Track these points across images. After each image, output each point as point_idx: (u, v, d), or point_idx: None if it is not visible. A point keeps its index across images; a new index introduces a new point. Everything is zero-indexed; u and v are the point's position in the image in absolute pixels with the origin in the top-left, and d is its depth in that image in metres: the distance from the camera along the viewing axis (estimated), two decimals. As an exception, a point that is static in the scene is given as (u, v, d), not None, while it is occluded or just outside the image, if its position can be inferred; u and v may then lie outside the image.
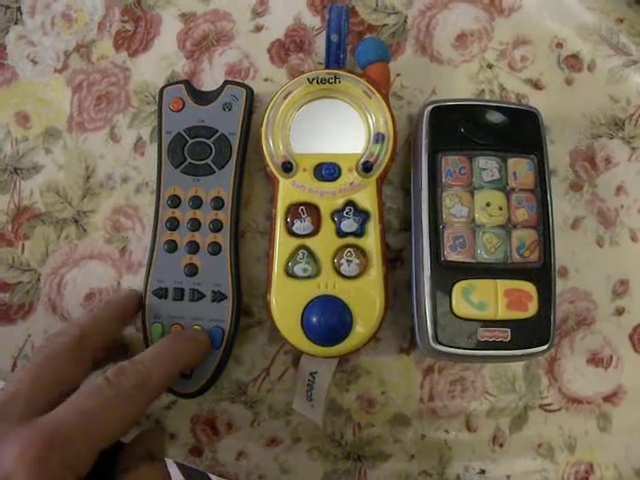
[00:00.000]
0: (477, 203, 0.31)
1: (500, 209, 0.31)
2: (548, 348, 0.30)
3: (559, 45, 0.37)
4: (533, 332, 0.30)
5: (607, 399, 0.35)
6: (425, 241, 0.31)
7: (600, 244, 0.36)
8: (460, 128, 0.32)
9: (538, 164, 0.32)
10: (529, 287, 0.30)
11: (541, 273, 0.31)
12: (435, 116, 0.33)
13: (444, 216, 0.31)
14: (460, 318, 0.30)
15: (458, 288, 0.30)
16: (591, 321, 0.35)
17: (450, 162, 0.32)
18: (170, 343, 0.29)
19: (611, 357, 0.35)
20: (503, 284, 0.30)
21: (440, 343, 0.30)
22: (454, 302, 0.30)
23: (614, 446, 0.35)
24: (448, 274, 0.31)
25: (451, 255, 0.31)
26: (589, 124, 0.36)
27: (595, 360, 0.35)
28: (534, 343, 0.30)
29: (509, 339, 0.30)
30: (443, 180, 0.32)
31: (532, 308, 0.30)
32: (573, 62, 0.37)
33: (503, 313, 0.30)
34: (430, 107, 0.33)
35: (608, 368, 0.35)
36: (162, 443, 0.30)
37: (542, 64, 0.37)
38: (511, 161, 0.32)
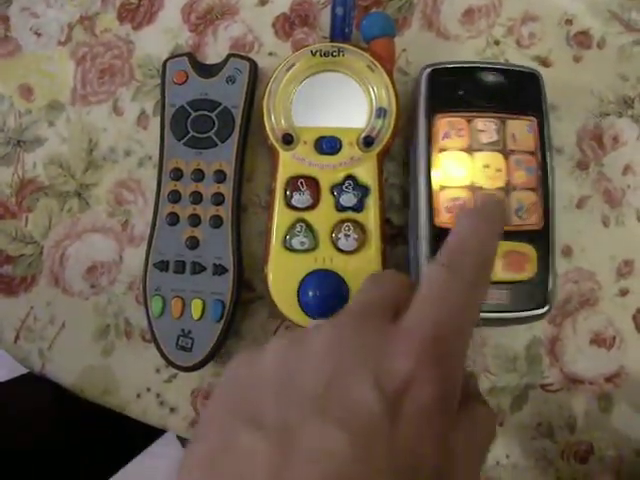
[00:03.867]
0: (475, 165, 0.31)
1: (499, 171, 0.31)
2: (547, 311, 0.30)
3: (568, 22, 0.37)
4: (532, 294, 0.30)
5: (609, 380, 0.34)
6: (422, 203, 0.31)
7: (606, 224, 0.35)
8: (459, 90, 0.32)
9: (538, 126, 0.32)
10: (527, 249, 0.30)
11: (540, 235, 0.31)
12: (434, 78, 0.32)
13: (442, 178, 0.31)
14: None
15: None
16: (594, 302, 0.35)
17: (447, 124, 0.32)
18: (486, 211, 0.23)
19: (614, 338, 0.35)
20: (501, 246, 0.30)
21: None
22: None
23: (615, 427, 0.34)
24: (444, 236, 0.30)
25: (448, 217, 0.31)
26: (597, 102, 0.36)
27: (598, 341, 0.35)
28: (533, 306, 0.30)
29: (507, 301, 0.30)
30: (440, 142, 0.32)
31: (530, 270, 0.30)
32: (582, 39, 0.36)
33: (500, 274, 0.30)
34: (429, 69, 0.32)
35: (610, 349, 0.35)
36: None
37: (550, 41, 0.36)
38: (510, 123, 0.32)
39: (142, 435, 0.57)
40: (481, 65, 0.33)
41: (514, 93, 0.32)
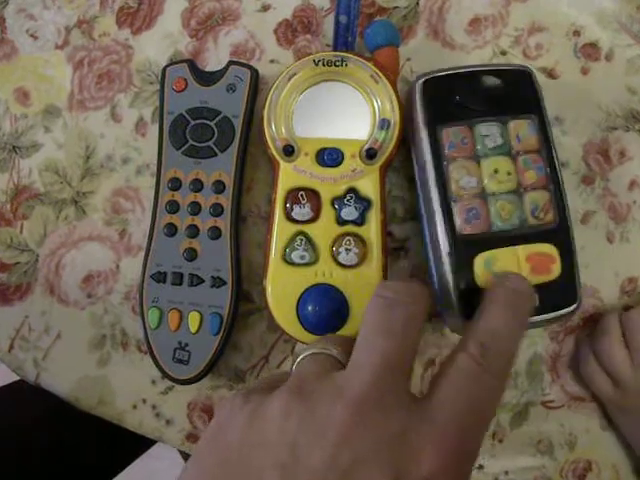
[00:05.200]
0: (485, 171, 0.30)
1: (509, 174, 0.30)
2: (577, 307, 0.30)
3: (576, 33, 0.36)
4: (560, 293, 0.30)
5: (611, 398, 0.34)
6: (438, 218, 0.30)
7: (610, 240, 0.35)
8: (455, 97, 0.31)
9: (539, 124, 0.31)
10: (550, 249, 0.29)
11: (559, 232, 0.30)
12: (428, 89, 0.32)
13: (453, 189, 0.30)
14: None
15: (479, 261, 0.29)
16: (598, 318, 0.34)
17: (451, 134, 0.31)
18: (517, 304, 0.24)
19: (617, 356, 0.34)
20: (524, 250, 0.29)
21: (469, 318, 0.29)
22: (477, 275, 0.29)
23: (615, 445, 0.34)
24: (467, 248, 0.30)
25: (467, 228, 0.30)
26: (604, 116, 0.35)
27: (600, 358, 0.34)
28: (563, 304, 0.30)
29: (537, 304, 0.29)
30: (446, 153, 0.31)
31: (556, 269, 0.29)
32: (590, 51, 0.36)
33: (529, 279, 0.29)
34: (421, 80, 0.32)
35: (613, 367, 0.34)
36: None
37: (558, 52, 0.36)
38: (512, 124, 0.31)
39: (144, 436, 0.56)
40: (473, 69, 0.32)
41: (510, 93, 0.31)
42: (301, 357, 0.23)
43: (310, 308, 0.31)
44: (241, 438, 0.18)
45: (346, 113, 0.32)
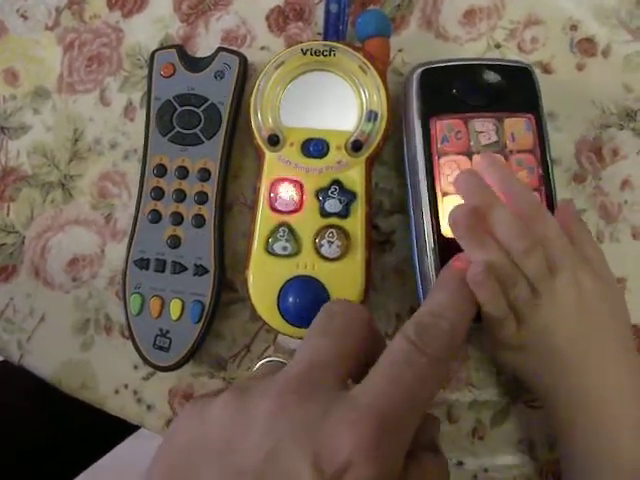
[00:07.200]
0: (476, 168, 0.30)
1: None
2: None
3: (573, 27, 0.35)
4: None
5: (593, 399, 0.34)
6: (425, 211, 0.30)
7: (600, 239, 0.34)
8: (452, 90, 0.31)
9: (536, 123, 0.31)
10: None
11: None
12: (425, 79, 0.31)
13: (443, 184, 0.30)
14: None
15: None
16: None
17: (445, 127, 0.30)
18: (463, 285, 0.24)
19: (601, 357, 0.34)
20: None
21: None
22: None
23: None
24: (452, 244, 0.29)
25: None
26: (599, 113, 0.35)
27: (584, 359, 0.34)
28: None
29: None
30: (439, 146, 0.30)
31: None
32: (587, 46, 0.35)
33: None
34: (420, 70, 0.31)
35: (597, 368, 0.34)
36: (438, 433, 0.24)
37: (553, 47, 0.35)
38: (507, 121, 0.31)
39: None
40: (473, 62, 0.32)
41: (509, 89, 0.31)
42: (260, 364, 0.24)
43: (291, 300, 0.31)
44: (187, 439, 0.19)
45: (333, 104, 0.32)
